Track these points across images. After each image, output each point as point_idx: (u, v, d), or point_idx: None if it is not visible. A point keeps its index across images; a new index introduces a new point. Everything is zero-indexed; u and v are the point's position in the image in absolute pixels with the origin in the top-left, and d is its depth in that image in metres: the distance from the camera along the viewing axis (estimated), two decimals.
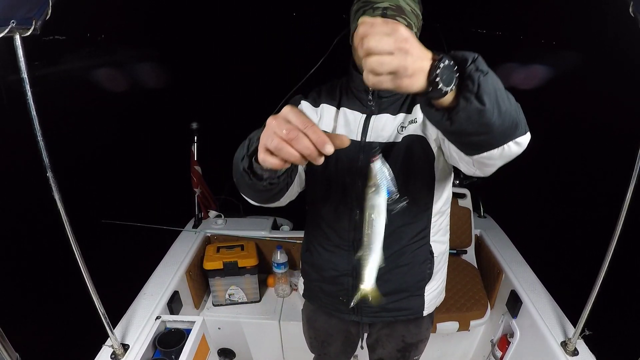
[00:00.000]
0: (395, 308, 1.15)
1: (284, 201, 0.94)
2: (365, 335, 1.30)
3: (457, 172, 1.06)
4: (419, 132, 0.98)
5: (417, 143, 0.98)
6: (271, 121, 0.63)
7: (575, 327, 1.36)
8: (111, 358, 1.30)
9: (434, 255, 1.12)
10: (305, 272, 1.25)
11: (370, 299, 0.78)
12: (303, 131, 0.60)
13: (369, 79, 0.55)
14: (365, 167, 0.96)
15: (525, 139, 0.72)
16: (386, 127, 1.00)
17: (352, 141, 0.97)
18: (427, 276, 1.13)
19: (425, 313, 1.18)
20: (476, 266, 2.08)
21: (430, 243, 1.11)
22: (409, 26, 0.89)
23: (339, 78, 1.12)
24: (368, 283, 0.77)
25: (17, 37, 0.86)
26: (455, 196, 2.08)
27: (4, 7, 0.84)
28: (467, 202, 2.10)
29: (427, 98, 0.61)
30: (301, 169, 1.04)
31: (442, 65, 0.56)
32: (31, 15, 0.85)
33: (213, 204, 2.31)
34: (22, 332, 1.20)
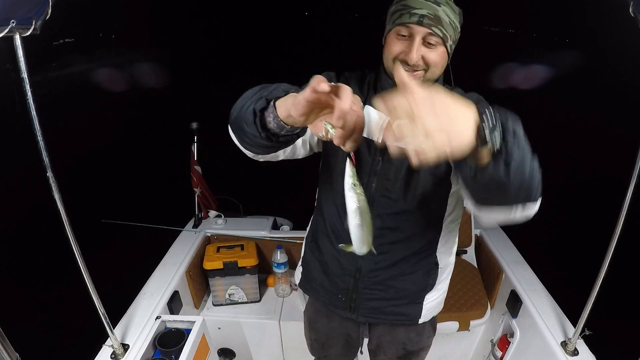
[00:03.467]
0: (392, 312, 1.15)
1: (261, 158, 0.90)
2: (366, 340, 1.30)
3: None
4: None
5: None
6: (348, 90, 0.60)
7: (575, 327, 1.36)
8: (111, 358, 1.30)
9: (439, 266, 1.11)
10: (307, 263, 1.23)
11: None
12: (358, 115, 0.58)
13: (415, 161, 0.53)
14: (382, 168, 0.98)
15: (532, 209, 0.72)
16: None
17: (372, 143, 0.98)
18: (429, 286, 1.13)
19: (420, 321, 1.17)
20: (476, 266, 2.08)
21: (437, 254, 1.10)
22: (444, 38, 0.87)
23: (370, 69, 1.07)
24: (360, 248, 0.77)
25: (17, 37, 0.86)
26: None
27: (4, 7, 0.84)
28: (467, 203, 2.10)
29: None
30: (309, 138, 0.97)
31: (486, 124, 0.55)
32: (31, 15, 0.85)
33: (213, 204, 2.31)
34: (22, 332, 1.20)
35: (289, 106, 0.67)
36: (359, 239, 0.77)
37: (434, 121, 0.50)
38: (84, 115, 6.59)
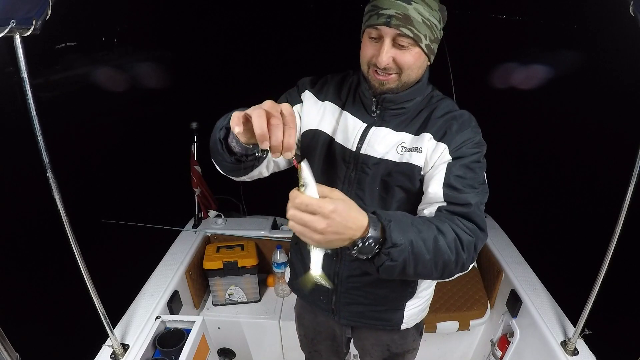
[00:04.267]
0: (373, 317, 1.15)
1: (247, 178, 0.99)
2: (352, 340, 1.31)
3: None
4: (420, 163, 0.92)
5: (413, 173, 0.93)
6: (269, 102, 0.68)
7: (575, 327, 1.36)
8: (111, 358, 1.30)
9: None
10: (292, 264, 1.26)
11: (321, 282, 0.76)
12: (285, 126, 0.65)
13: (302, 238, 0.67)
14: (355, 176, 0.97)
15: (457, 275, 0.81)
16: (384, 141, 0.95)
17: (347, 150, 0.98)
18: (409, 294, 1.12)
19: (403, 327, 1.17)
20: (476, 266, 2.08)
21: None
22: (415, 38, 0.82)
23: (354, 70, 1.05)
24: (315, 270, 0.74)
25: (17, 37, 0.86)
26: None
27: (4, 7, 0.84)
28: None
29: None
30: (281, 160, 1.01)
31: (360, 245, 0.69)
32: (31, 15, 0.85)
33: (213, 203, 2.31)
34: (22, 332, 1.20)
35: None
36: (314, 260, 0.73)
37: (326, 224, 0.64)
38: (84, 115, 6.58)
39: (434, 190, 0.87)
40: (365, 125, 0.97)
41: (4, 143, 4.14)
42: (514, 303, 1.69)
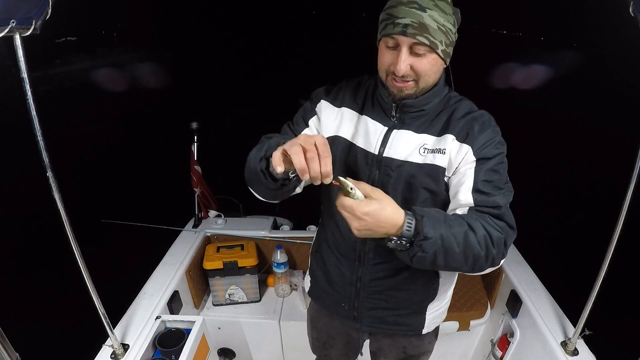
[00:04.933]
0: (395, 322, 1.15)
1: (286, 197, 1.03)
2: (368, 341, 1.30)
3: None
4: (444, 164, 0.94)
5: (438, 174, 0.94)
6: (302, 136, 0.77)
7: (575, 327, 1.36)
8: (111, 358, 1.30)
9: (440, 276, 1.11)
10: (313, 272, 1.26)
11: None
12: (320, 157, 0.74)
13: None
14: (379, 179, 0.98)
15: (489, 270, 0.89)
16: (407, 143, 0.96)
17: (369, 154, 0.99)
18: (431, 296, 1.13)
19: (424, 331, 1.18)
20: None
21: None
22: (432, 45, 0.83)
23: (369, 75, 1.06)
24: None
25: (17, 37, 0.86)
26: None
27: (4, 6, 0.84)
28: None
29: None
30: None
31: (394, 241, 0.80)
32: (31, 15, 0.85)
33: (213, 203, 2.31)
34: (22, 332, 1.20)
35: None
36: None
37: (359, 223, 0.78)
38: (84, 115, 6.59)
39: (464, 197, 0.90)
40: (387, 128, 0.98)
41: (4, 143, 4.14)
42: (514, 303, 1.69)
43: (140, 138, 5.54)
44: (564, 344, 1.38)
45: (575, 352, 1.35)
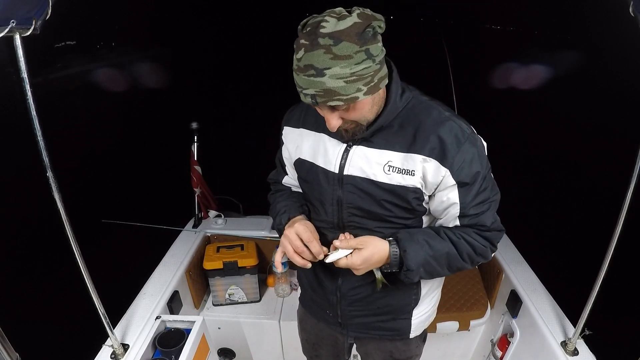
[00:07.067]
0: (381, 328, 1.15)
1: None
2: (354, 346, 1.31)
3: None
4: (414, 184, 0.90)
5: (407, 194, 0.91)
6: (288, 233, 0.96)
7: (575, 327, 1.36)
8: (111, 358, 1.30)
9: (421, 282, 1.10)
10: (300, 279, 1.28)
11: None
12: (307, 246, 0.94)
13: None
14: (344, 196, 0.97)
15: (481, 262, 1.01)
16: (368, 159, 0.91)
17: (330, 173, 0.96)
18: (414, 301, 1.11)
19: (411, 335, 1.17)
20: (476, 266, 2.08)
21: None
22: (348, 101, 0.76)
23: None
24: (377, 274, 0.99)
25: (17, 37, 0.86)
26: None
27: (4, 6, 0.84)
28: None
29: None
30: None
31: (383, 269, 0.96)
32: (31, 15, 0.84)
33: (213, 203, 2.31)
34: (22, 332, 1.20)
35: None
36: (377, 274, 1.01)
37: (358, 271, 0.94)
38: (84, 115, 6.59)
39: (452, 220, 0.95)
40: (345, 145, 0.94)
41: (4, 143, 4.14)
42: (514, 303, 1.69)
43: (140, 138, 5.54)
44: (564, 344, 1.37)
45: (575, 352, 1.34)
